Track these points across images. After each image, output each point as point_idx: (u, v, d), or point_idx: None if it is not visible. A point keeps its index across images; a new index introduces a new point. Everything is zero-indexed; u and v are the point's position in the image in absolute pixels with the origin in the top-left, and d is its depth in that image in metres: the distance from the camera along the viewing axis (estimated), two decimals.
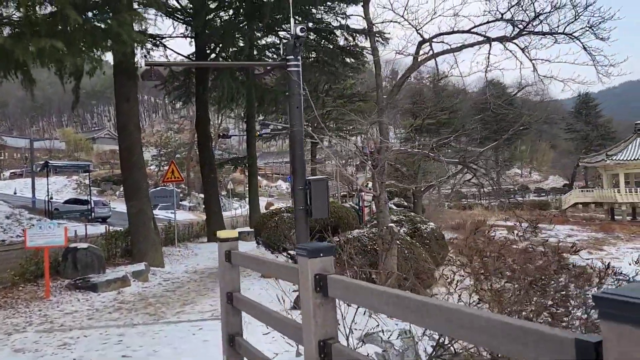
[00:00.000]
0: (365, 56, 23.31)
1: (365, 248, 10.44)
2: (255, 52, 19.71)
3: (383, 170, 8.15)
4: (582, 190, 58.17)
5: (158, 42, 19.49)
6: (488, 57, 7.33)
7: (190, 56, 19.97)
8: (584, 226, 48.51)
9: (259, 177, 75.47)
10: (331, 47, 22.85)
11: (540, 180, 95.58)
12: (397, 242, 10.64)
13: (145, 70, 7.57)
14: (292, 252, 12.85)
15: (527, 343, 1.36)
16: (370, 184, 27.82)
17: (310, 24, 21.95)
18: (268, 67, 10.44)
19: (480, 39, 7.25)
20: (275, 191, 67.48)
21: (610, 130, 77.62)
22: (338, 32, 22.43)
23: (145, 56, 17.58)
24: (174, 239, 17.22)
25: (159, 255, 13.29)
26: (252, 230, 22.03)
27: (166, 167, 48.55)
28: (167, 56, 21.87)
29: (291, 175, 29.60)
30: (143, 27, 15.87)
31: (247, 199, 56.88)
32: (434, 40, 7.54)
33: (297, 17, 20.99)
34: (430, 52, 7.94)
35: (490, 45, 7.30)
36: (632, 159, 47.96)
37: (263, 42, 20.00)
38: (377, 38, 22.57)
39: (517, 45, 7.22)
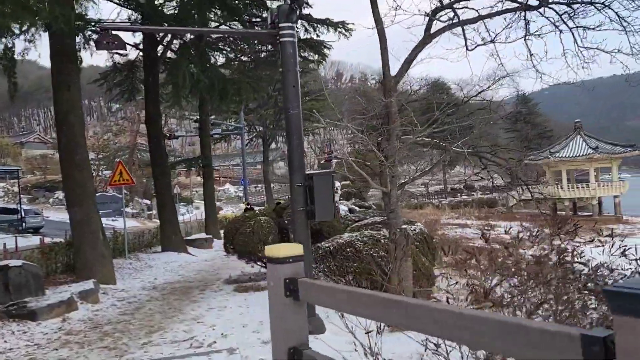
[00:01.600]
0: (327, 48, 21.99)
1: (359, 254, 9.08)
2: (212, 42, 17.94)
3: (394, 162, 6.83)
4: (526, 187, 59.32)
5: (99, 29, 17.31)
6: (526, 25, 6.20)
7: (138, 45, 17.92)
8: (531, 222, 49.60)
9: None
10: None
11: (482, 179, 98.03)
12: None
13: (100, 36, 5.84)
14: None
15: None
16: (336, 184, 26.54)
17: (265, 14, 20.43)
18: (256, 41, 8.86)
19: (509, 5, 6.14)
20: (223, 195, 65.09)
21: (547, 129, 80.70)
22: (298, 23, 21.01)
23: (85, 44, 15.47)
24: (124, 249, 15.19)
25: (110, 270, 11.37)
26: (210, 236, 20.23)
27: (106, 173, 45.35)
28: None
29: (244, 179, 27.83)
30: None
31: (194, 204, 54.36)
32: (456, 5, 6.35)
33: (250, 7, 19.43)
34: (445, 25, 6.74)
35: (525, 12, 6.20)
36: (574, 155, 49.53)
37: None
38: (339, 29, 21.45)
39: (555, 11, 6.18)
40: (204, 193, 22.89)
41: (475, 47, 6.19)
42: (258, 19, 17.88)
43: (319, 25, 20.97)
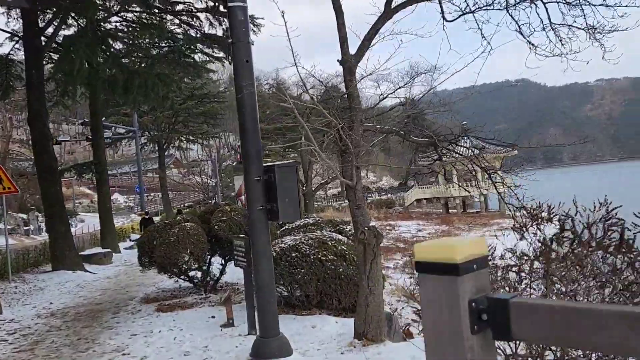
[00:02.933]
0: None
1: (306, 259, 8.16)
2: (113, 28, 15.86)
3: (359, 152, 6.04)
4: (420, 187, 62.37)
5: None
6: None
7: (17, 32, 15.40)
8: (427, 220, 52.01)
9: (89, 191, 67.18)
10: (193, 33, 19.83)
11: (376, 181, 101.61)
12: (339, 244, 8.58)
13: None
14: (192, 274, 9.93)
15: None
16: None
17: (168, 7, 18.85)
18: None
19: None
20: (112, 206, 60.21)
21: (436, 132, 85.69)
22: (202, 16, 19.56)
23: None
24: (5, 271, 12.79)
25: None
26: (109, 250, 18.05)
27: None
28: None
29: (140, 186, 25.44)
30: None
31: (78, 217, 49.61)
32: None
33: None
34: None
35: None
36: (463, 155, 52.37)
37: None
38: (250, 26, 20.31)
39: None
40: (99, 202, 20.46)
41: (458, 16, 5.57)
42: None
43: (225, 20, 19.70)
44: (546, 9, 5.66)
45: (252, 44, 5.48)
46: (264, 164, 5.47)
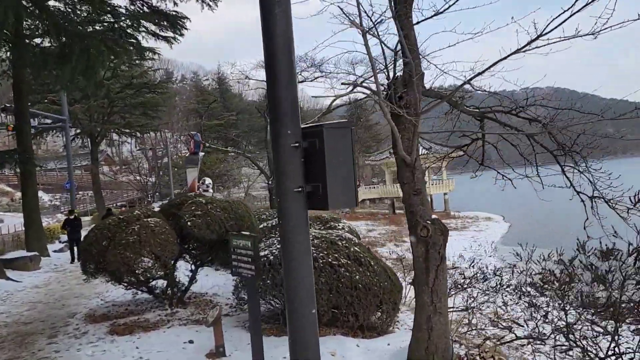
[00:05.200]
0: (185, 22, 18.35)
1: (315, 263, 6.38)
2: None
3: (418, 111, 4.39)
4: (367, 187, 61.90)
5: None
6: None
7: None
8: (375, 221, 51.27)
9: (9, 189, 61.37)
10: (140, 9, 17.39)
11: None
12: (348, 246, 6.85)
13: None
14: (153, 283, 7.85)
15: None
16: (208, 181, 22.69)
17: None
18: None
19: None
20: None
21: (378, 132, 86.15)
22: None
23: None
24: None
25: None
26: (35, 253, 15.31)
27: None
28: None
29: (70, 182, 22.37)
30: None
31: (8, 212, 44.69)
32: None
33: None
34: None
35: None
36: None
37: None
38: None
39: None
40: (24, 198, 17.44)
41: None
42: None
43: None
44: None
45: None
46: (303, 125, 3.68)
